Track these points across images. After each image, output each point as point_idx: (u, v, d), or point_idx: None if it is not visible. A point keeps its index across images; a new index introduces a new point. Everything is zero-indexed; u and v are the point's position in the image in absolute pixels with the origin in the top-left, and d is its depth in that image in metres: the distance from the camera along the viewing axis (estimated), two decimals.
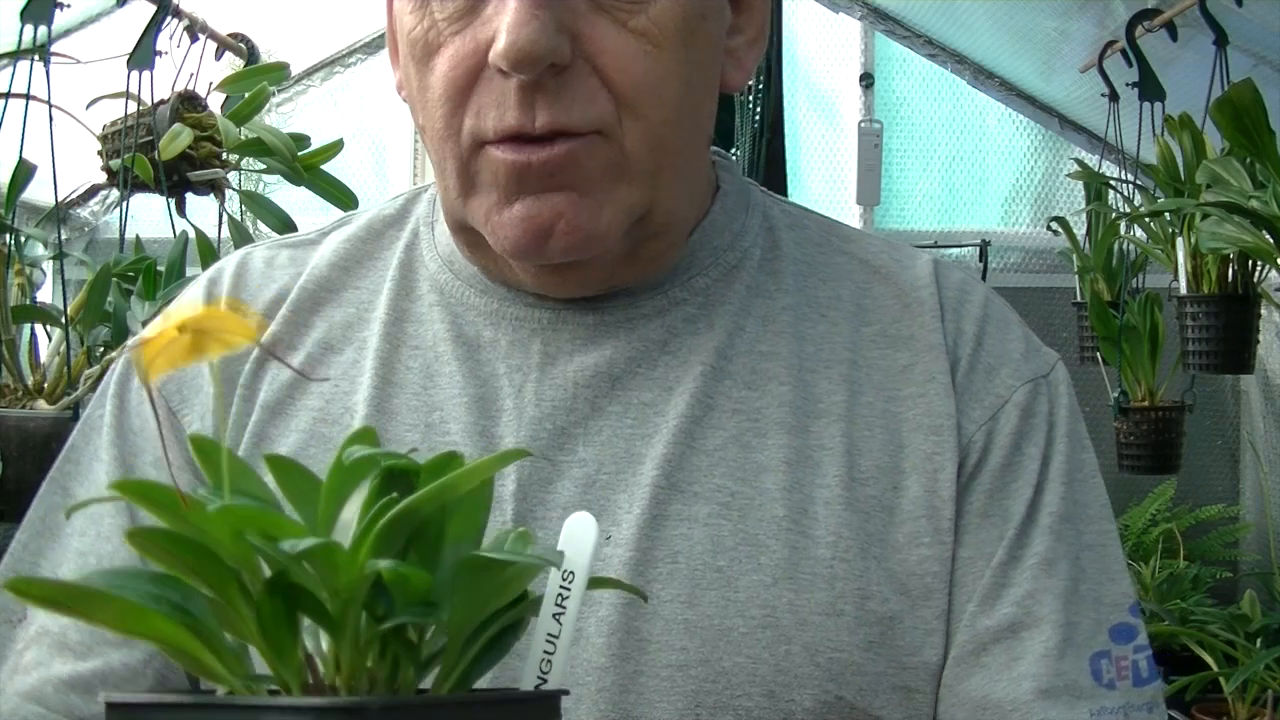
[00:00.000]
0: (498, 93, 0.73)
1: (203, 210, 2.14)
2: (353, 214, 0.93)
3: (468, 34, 0.74)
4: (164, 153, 1.95)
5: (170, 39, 2.14)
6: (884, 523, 0.79)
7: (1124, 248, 2.59)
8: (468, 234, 0.82)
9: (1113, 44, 2.48)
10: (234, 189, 2.09)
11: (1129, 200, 2.56)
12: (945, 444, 0.80)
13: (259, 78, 2.10)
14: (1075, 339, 2.85)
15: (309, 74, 3.20)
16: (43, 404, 1.74)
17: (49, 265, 1.99)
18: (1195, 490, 3.14)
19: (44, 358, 1.83)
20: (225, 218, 2.05)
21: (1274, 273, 2.15)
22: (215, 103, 2.14)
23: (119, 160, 2.01)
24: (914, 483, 0.80)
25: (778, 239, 0.87)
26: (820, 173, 3.35)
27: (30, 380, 1.77)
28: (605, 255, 0.79)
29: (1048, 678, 0.76)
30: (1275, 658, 2.19)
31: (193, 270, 1.93)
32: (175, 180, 2.02)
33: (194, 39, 2.19)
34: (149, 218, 2.42)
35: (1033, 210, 3.34)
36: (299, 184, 1.99)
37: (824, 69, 3.35)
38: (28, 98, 1.76)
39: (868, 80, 3.31)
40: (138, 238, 2.07)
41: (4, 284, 1.75)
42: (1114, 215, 2.60)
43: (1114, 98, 2.58)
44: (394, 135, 3.30)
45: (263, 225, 2.10)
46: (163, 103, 2.06)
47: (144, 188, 2.05)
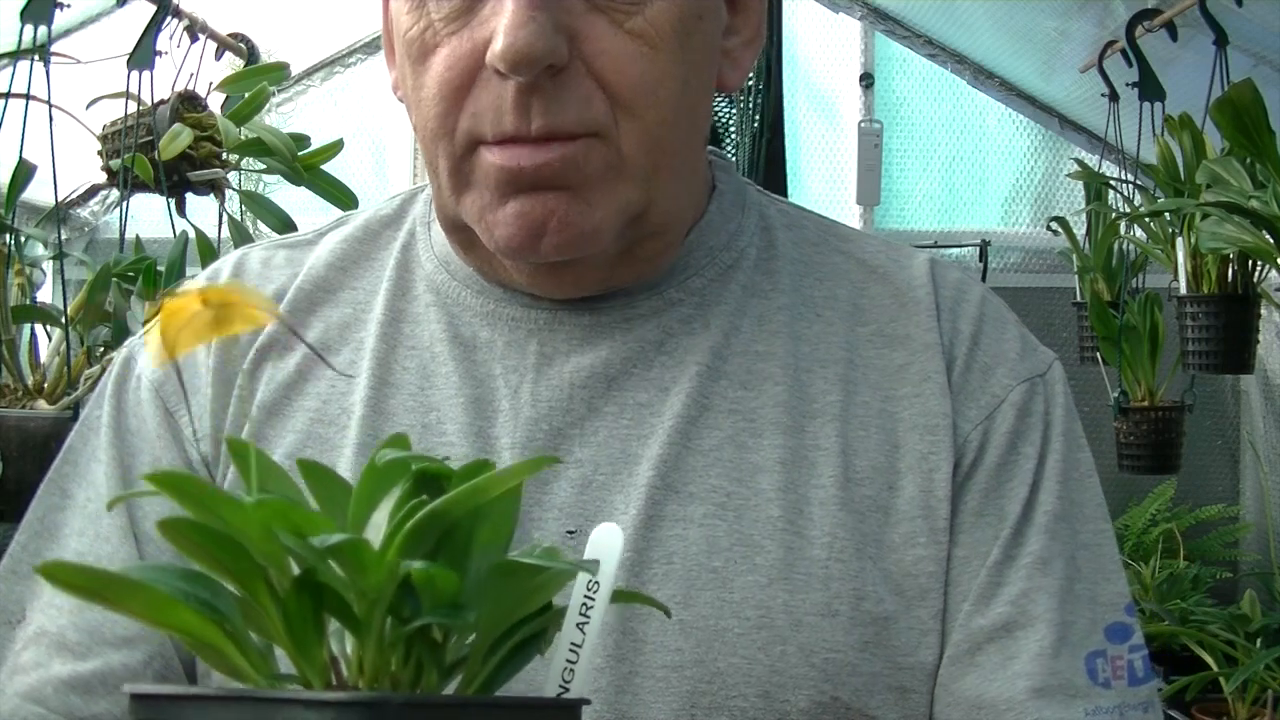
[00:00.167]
0: (494, 95, 0.73)
1: (203, 210, 2.14)
2: (350, 214, 0.93)
3: (464, 34, 0.74)
4: (164, 153, 1.95)
5: (170, 39, 2.14)
6: (879, 523, 0.78)
7: (1124, 248, 2.59)
8: (462, 233, 0.82)
9: (1113, 44, 2.48)
10: (234, 189, 2.09)
11: (1129, 200, 2.56)
12: (941, 444, 0.80)
13: (259, 78, 2.10)
14: (1075, 339, 2.85)
15: (309, 74, 3.20)
16: (43, 404, 1.74)
17: (49, 265, 1.99)
18: (1195, 490, 3.14)
19: (44, 358, 1.83)
20: (225, 218, 2.05)
21: (1274, 273, 2.15)
22: (215, 103, 2.14)
23: (119, 160, 2.01)
24: (909, 483, 0.79)
25: (774, 239, 0.87)
26: (820, 173, 3.35)
27: (30, 380, 1.77)
28: (600, 255, 0.78)
29: (1042, 677, 0.76)
30: (1275, 658, 2.19)
31: (193, 270, 1.93)
32: (175, 180, 2.02)
33: (194, 39, 2.19)
34: (149, 218, 2.42)
35: (1033, 210, 3.34)
36: (299, 184, 1.99)
37: (824, 69, 3.35)
38: (28, 98, 1.76)
39: (868, 80, 3.31)
40: (138, 238, 2.07)
41: (4, 284, 1.75)
42: (1114, 215, 2.60)
43: (1114, 98, 2.58)
44: (394, 135, 3.30)
45: (263, 225, 2.10)
46: (163, 103, 2.06)
47: (144, 188, 2.05)
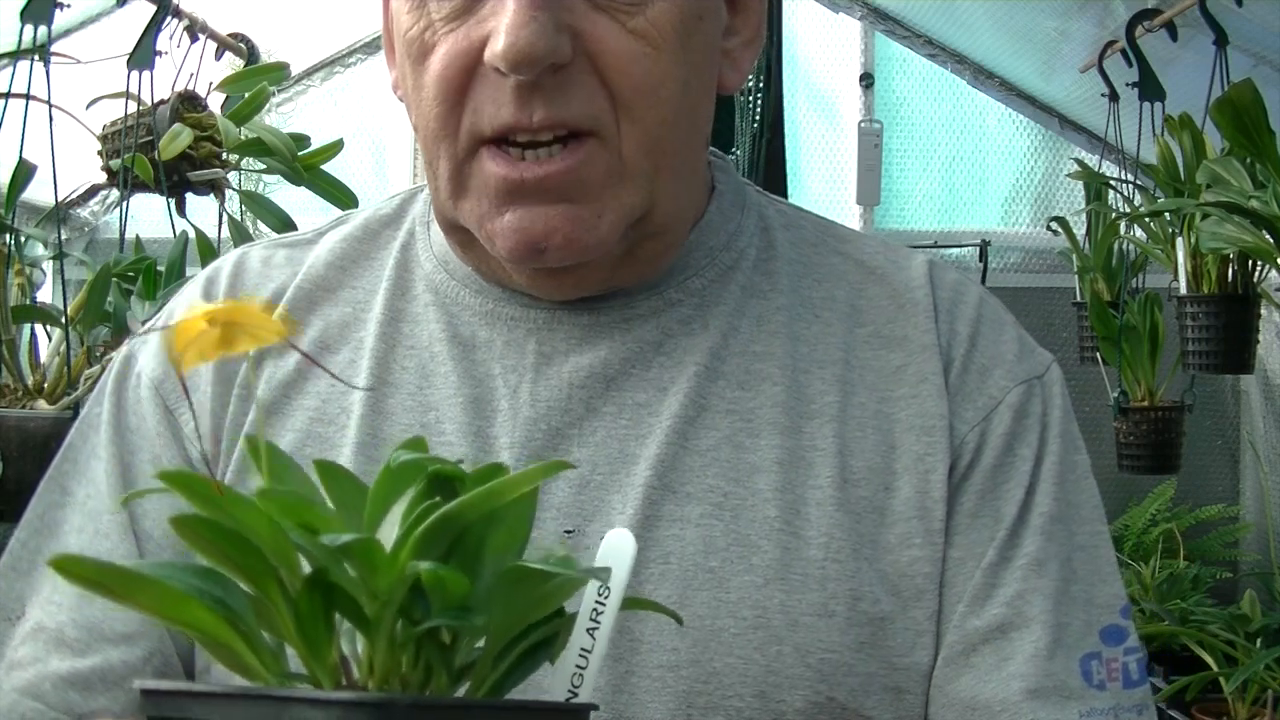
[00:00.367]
0: (494, 91, 0.73)
1: (203, 210, 2.14)
2: (349, 214, 0.93)
3: (461, 32, 0.74)
4: (164, 153, 1.95)
5: (170, 39, 2.14)
6: (875, 524, 0.78)
7: (1124, 248, 2.59)
8: (460, 234, 0.82)
9: (1113, 44, 2.48)
10: (234, 189, 2.09)
11: (1129, 200, 2.56)
12: (937, 445, 0.80)
13: (259, 78, 2.10)
14: (1075, 339, 2.85)
15: (309, 74, 3.20)
16: (43, 404, 1.74)
17: (49, 265, 1.99)
18: (1195, 490, 3.14)
19: (44, 358, 1.83)
20: (225, 218, 2.05)
21: (1274, 273, 2.15)
22: (215, 103, 2.14)
23: (119, 160, 2.01)
24: (906, 484, 0.79)
25: (773, 239, 0.87)
26: (820, 173, 3.35)
27: (30, 380, 1.77)
28: (602, 258, 0.79)
29: (1037, 678, 0.76)
30: (1275, 658, 2.19)
31: (192, 270, 1.93)
32: (175, 180, 2.02)
33: (194, 39, 2.19)
34: (149, 218, 2.42)
35: (1033, 210, 3.34)
36: (299, 184, 1.99)
37: (824, 69, 3.35)
38: (28, 98, 1.76)
39: (868, 80, 3.31)
40: (138, 238, 2.07)
41: (4, 284, 1.75)
42: (1114, 215, 2.60)
43: (1114, 98, 2.58)
44: (394, 135, 3.30)
45: (263, 225, 2.10)
46: (163, 103, 2.06)
47: (144, 188, 2.05)
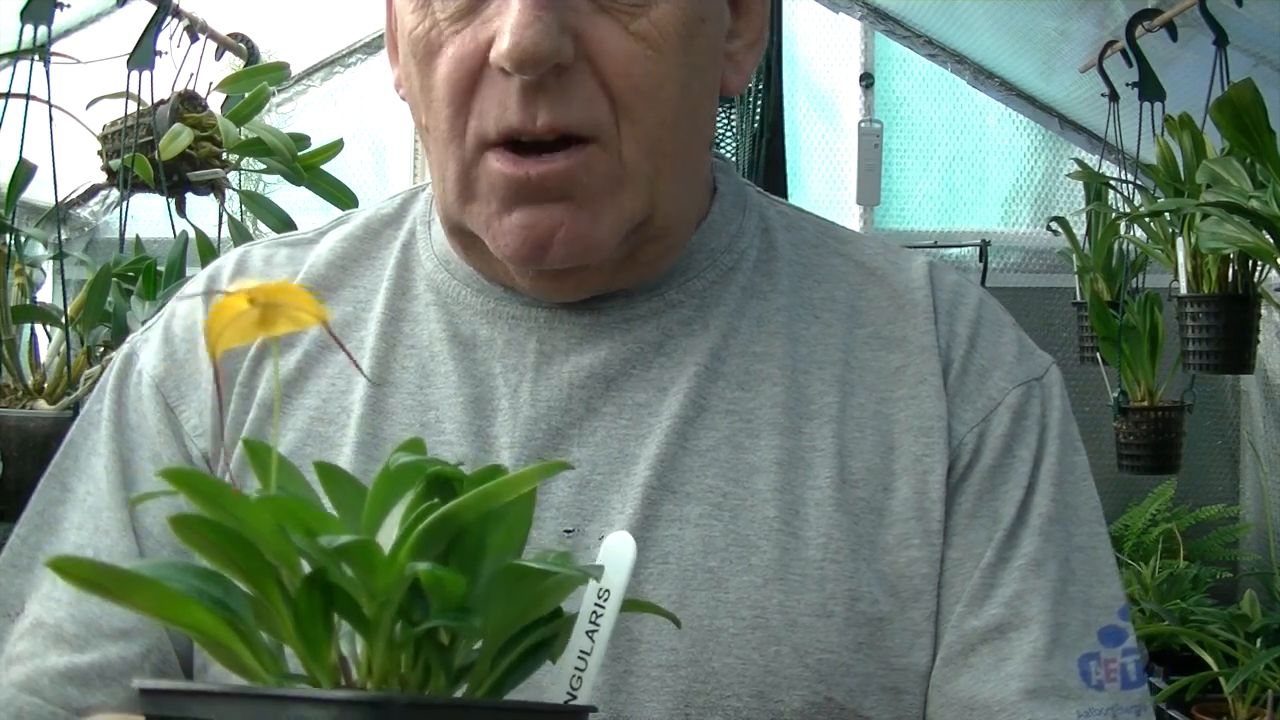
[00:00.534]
0: (499, 93, 0.73)
1: (203, 210, 2.14)
2: (350, 213, 0.93)
3: (467, 33, 0.74)
4: (164, 153, 1.95)
5: (170, 39, 2.14)
6: (874, 524, 0.78)
7: (1124, 248, 2.59)
8: (463, 236, 0.82)
9: (1113, 44, 2.48)
10: (234, 189, 2.09)
11: (1129, 200, 2.56)
12: (935, 446, 0.80)
13: (259, 78, 2.10)
14: (1075, 339, 2.85)
15: (309, 74, 3.20)
16: (43, 404, 1.74)
17: (49, 265, 1.99)
18: (1195, 490, 3.14)
19: (44, 358, 1.83)
20: (225, 218, 2.06)
21: (1274, 273, 2.15)
22: (215, 103, 2.14)
23: (119, 160, 2.01)
24: (904, 484, 0.79)
25: (774, 240, 0.87)
26: (820, 173, 3.35)
27: (30, 380, 1.77)
28: (604, 261, 0.79)
29: (1035, 678, 0.76)
30: (1275, 658, 2.19)
31: (192, 270, 1.93)
32: (175, 180, 2.02)
33: (194, 39, 2.19)
34: (149, 218, 2.42)
35: (1033, 210, 3.34)
36: (299, 184, 1.99)
37: (824, 69, 3.35)
38: (28, 98, 1.76)
39: (868, 80, 3.31)
40: (138, 238, 2.07)
41: (4, 284, 1.75)
42: (1114, 215, 2.60)
43: (1114, 98, 2.58)
44: (394, 135, 3.30)
45: (263, 225, 2.10)
46: (163, 103, 2.06)
47: (144, 188, 2.05)
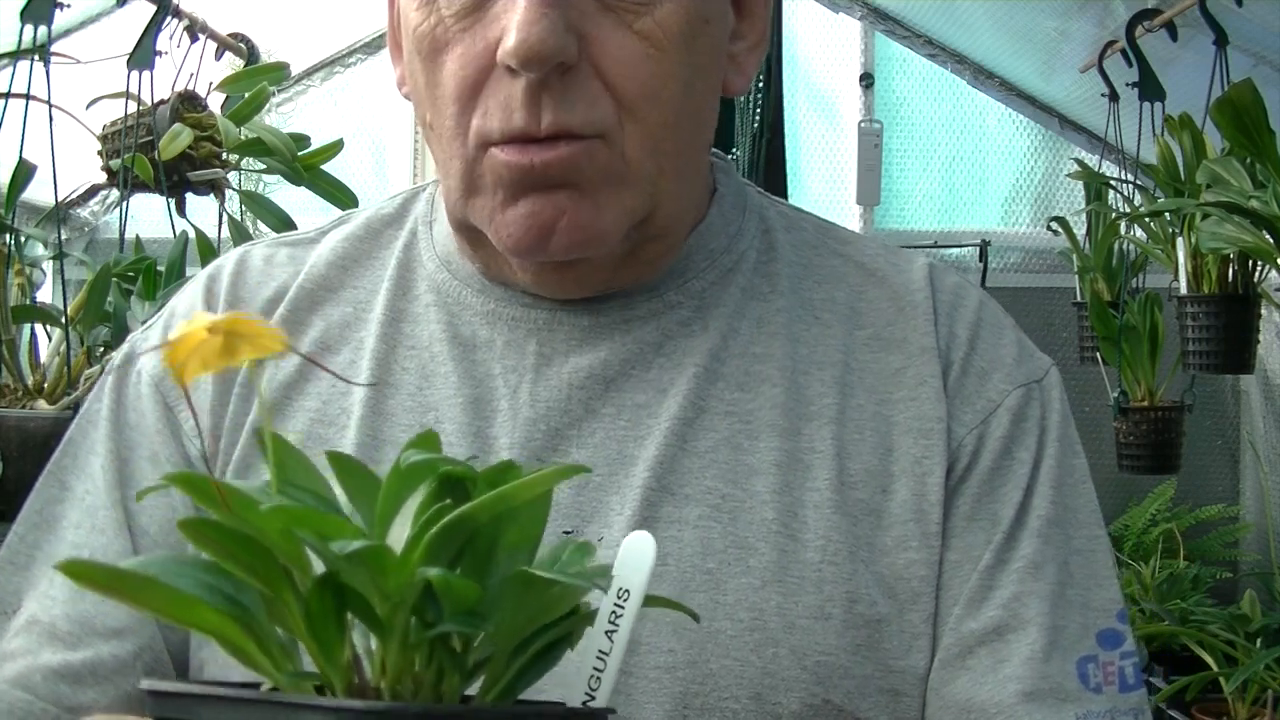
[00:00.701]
0: (504, 93, 0.73)
1: (203, 210, 2.14)
2: (351, 213, 0.93)
3: (476, 32, 0.74)
4: (164, 153, 1.95)
5: (170, 39, 2.14)
6: (872, 526, 0.78)
7: (1124, 248, 2.59)
8: (469, 232, 0.82)
9: (1113, 44, 2.48)
10: (234, 189, 2.09)
11: (1129, 200, 2.56)
12: (934, 448, 0.80)
13: (259, 78, 2.10)
14: (1075, 339, 2.85)
15: (309, 74, 3.20)
16: (43, 404, 1.74)
17: (49, 265, 1.99)
18: (1195, 490, 3.14)
19: (44, 358, 1.83)
20: (225, 218, 2.06)
21: (1274, 273, 2.15)
22: (215, 103, 2.14)
23: (119, 160, 2.01)
24: (903, 486, 0.79)
25: (774, 241, 0.87)
26: (820, 173, 3.35)
27: (30, 380, 1.77)
28: (605, 256, 0.79)
29: (1033, 680, 0.76)
30: (1275, 658, 2.19)
31: (192, 270, 1.93)
32: (175, 180, 2.02)
33: (194, 39, 2.19)
34: (149, 218, 2.42)
35: (1033, 210, 3.34)
36: (299, 184, 1.99)
37: (824, 69, 3.35)
38: (28, 98, 1.76)
39: (868, 80, 3.31)
40: (138, 238, 2.07)
41: (4, 284, 1.75)
42: (1114, 215, 2.60)
43: (1114, 98, 2.58)
44: (394, 135, 3.30)
45: (263, 225, 2.10)
46: (163, 103, 2.06)
47: (144, 188, 2.05)
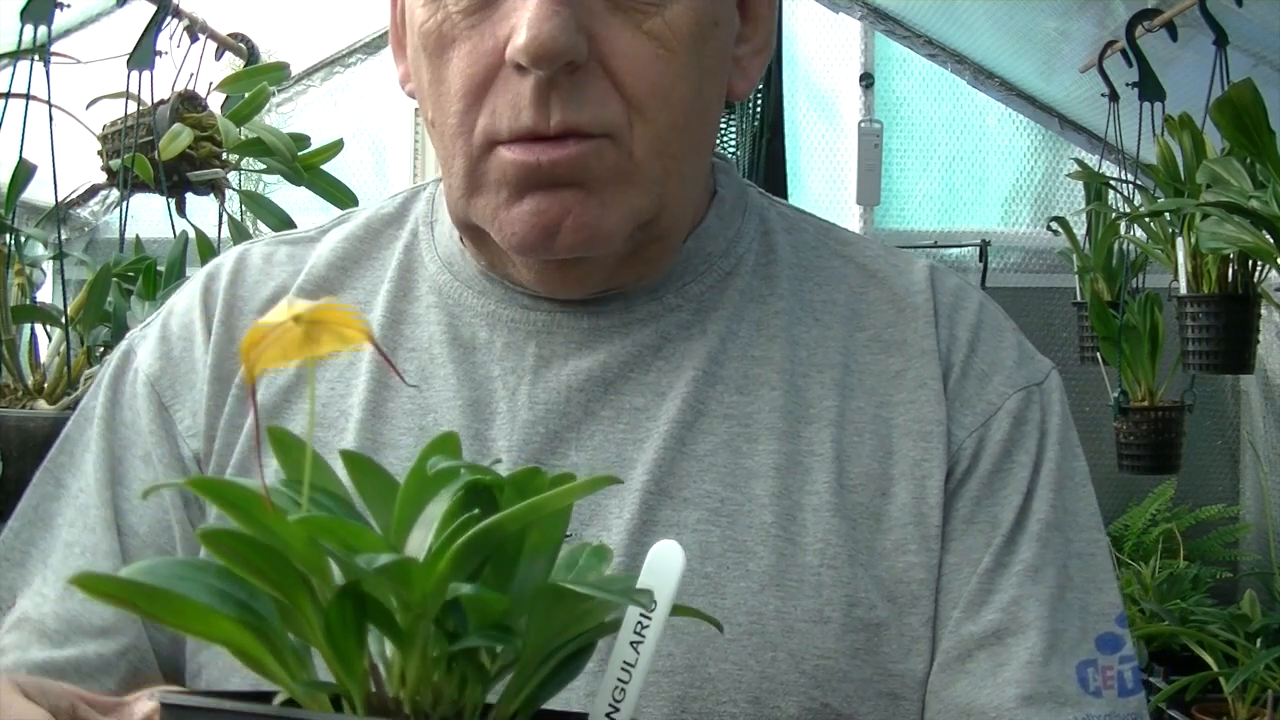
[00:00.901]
0: (513, 92, 0.73)
1: (203, 210, 2.14)
2: (351, 211, 0.93)
3: (485, 29, 0.73)
4: (164, 153, 1.95)
5: (170, 39, 2.14)
6: (872, 529, 0.78)
7: (1124, 248, 2.59)
8: (471, 230, 0.82)
9: (1113, 44, 2.48)
10: (234, 189, 2.09)
11: (1129, 200, 2.56)
12: (934, 450, 0.80)
13: (259, 78, 2.10)
14: (1075, 339, 2.85)
15: (309, 74, 3.20)
16: (43, 404, 1.74)
17: (49, 265, 1.99)
18: (1195, 490, 3.14)
19: (44, 358, 1.83)
20: (225, 218, 2.06)
21: (1274, 273, 2.15)
22: (215, 103, 2.14)
23: (119, 160, 2.01)
24: (902, 489, 0.79)
25: (773, 243, 0.87)
26: (820, 173, 3.35)
27: (30, 380, 1.77)
28: (608, 255, 0.79)
29: (1032, 684, 0.76)
30: (1275, 658, 2.19)
31: (192, 270, 1.92)
32: (175, 180, 2.02)
33: (194, 39, 2.19)
34: (149, 218, 2.42)
35: (1033, 210, 3.34)
36: (299, 184, 1.99)
37: (824, 69, 3.35)
38: (28, 98, 1.76)
39: (868, 80, 3.31)
40: (138, 238, 2.07)
41: (4, 284, 1.75)
42: (1114, 215, 2.60)
43: (1114, 98, 2.58)
44: (394, 135, 3.30)
45: (263, 225, 2.10)
46: (163, 103, 2.06)
47: (144, 188, 2.05)
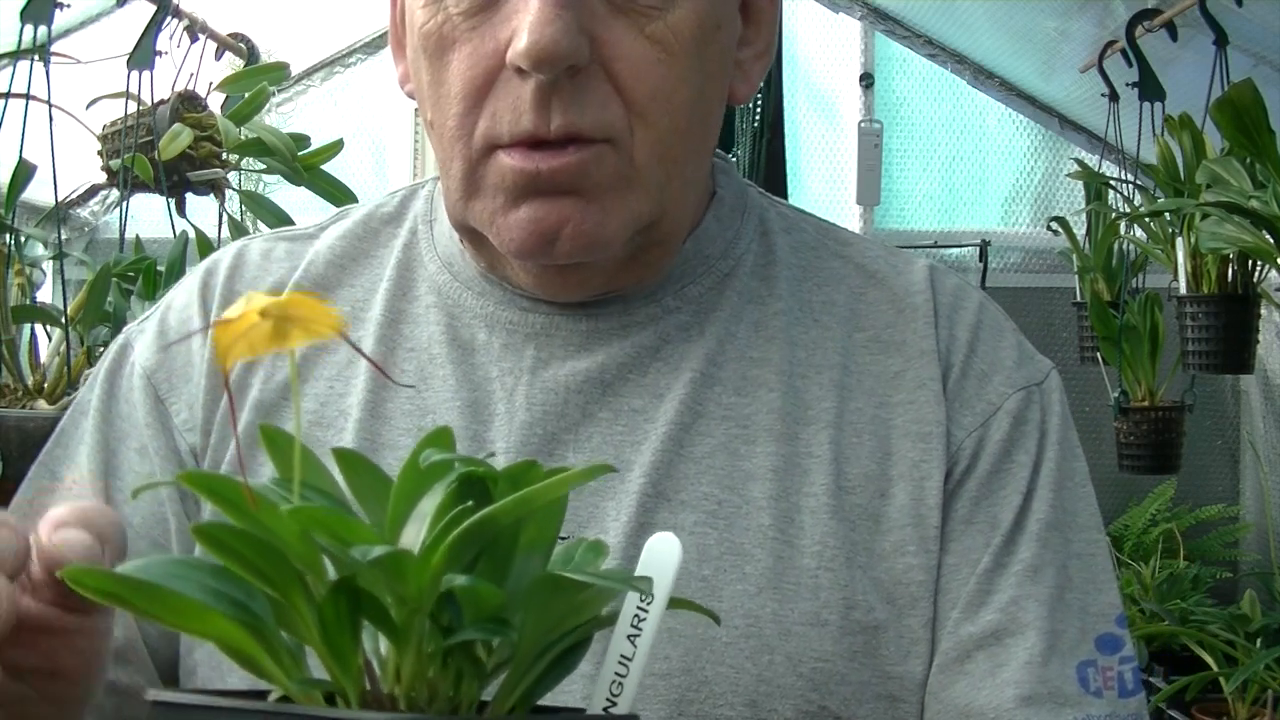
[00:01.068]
0: (514, 96, 0.72)
1: (203, 210, 2.14)
2: (349, 208, 0.92)
3: (486, 31, 0.73)
4: (164, 153, 1.95)
5: (170, 39, 2.13)
6: (870, 531, 0.78)
7: (1124, 248, 2.59)
8: (469, 233, 0.81)
9: (1113, 44, 2.48)
10: (234, 189, 2.09)
11: (1129, 200, 2.56)
12: (933, 451, 0.79)
13: (259, 78, 2.10)
14: (1075, 339, 2.85)
15: (309, 74, 3.20)
16: (43, 404, 1.74)
17: (49, 265, 1.99)
18: (1195, 490, 3.14)
19: (44, 358, 1.83)
20: (225, 218, 2.06)
21: (1274, 273, 2.15)
22: (215, 103, 2.14)
23: (119, 160, 2.01)
24: (901, 490, 0.79)
25: (772, 243, 0.87)
26: (820, 173, 3.35)
27: (30, 380, 1.77)
28: (608, 259, 0.78)
29: (1031, 684, 0.75)
30: (1275, 658, 2.19)
31: (192, 268, 1.93)
32: (175, 180, 2.02)
33: (194, 39, 2.19)
34: (149, 218, 2.42)
35: (1033, 210, 3.34)
36: (299, 184, 1.99)
37: (824, 69, 3.35)
38: (28, 98, 1.76)
39: (868, 80, 3.31)
40: (138, 238, 2.07)
41: (4, 284, 1.75)
42: (1114, 215, 2.60)
43: (1114, 98, 2.59)
44: (394, 135, 3.30)
45: (262, 225, 2.10)
46: (163, 103, 2.06)
47: (144, 188, 2.05)
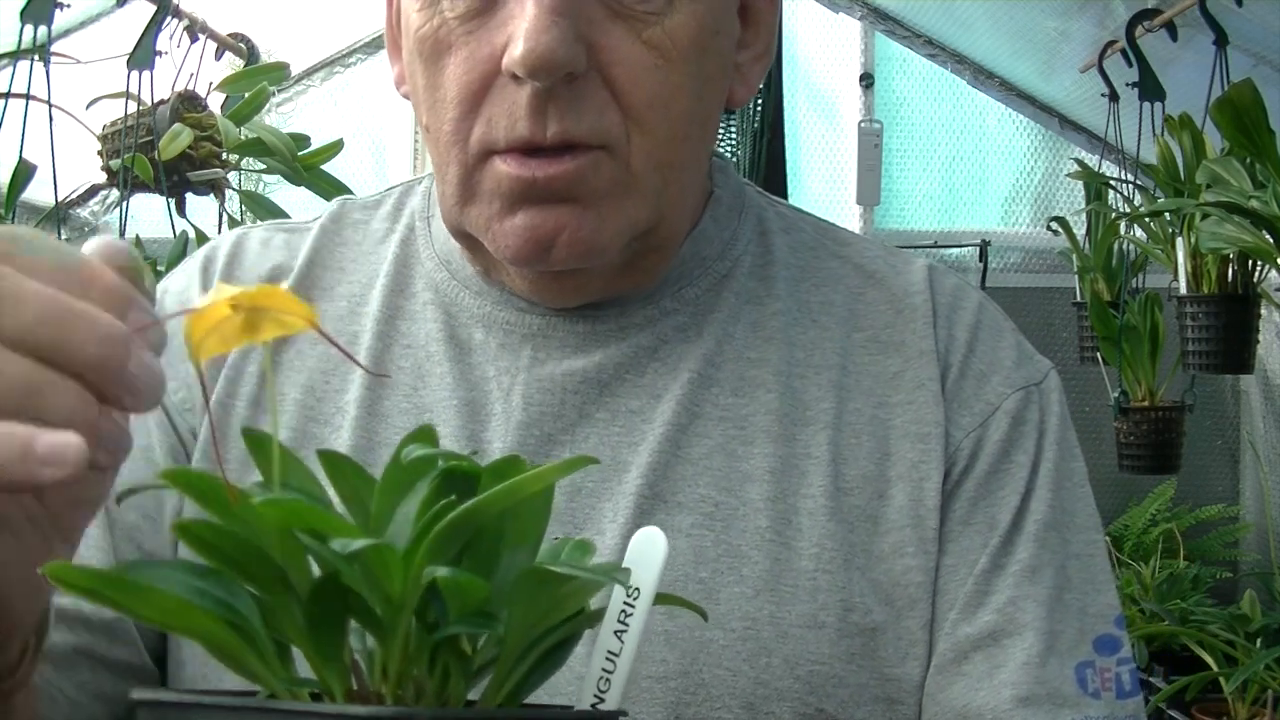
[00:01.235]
0: (509, 101, 0.72)
1: (203, 210, 2.14)
2: (344, 199, 0.92)
3: (482, 36, 0.72)
4: (164, 153, 1.95)
5: (170, 39, 2.14)
6: (868, 533, 0.78)
7: (1124, 248, 2.59)
8: (465, 237, 0.81)
9: (1113, 44, 2.48)
10: (234, 189, 2.09)
11: (1129, 200, 2.56)
12: (932, 452, 0.79)
13: (259, 78, 2.10)
14: (1075, 339, 2.85)
15: (309, 74, 3.20)
16: None
17: None
18: (1195, 490, 3.14)
19: None
20: (225, 218, 2.06)
21: (1274, 273, 2.15)
22: (215, 103, 2.14)
23: (119, 160, 2.01)
24: (899, 491, 0.78)
25: (770, 244, 0.86)
26: (820, 173, 3.35)
27: None
28: (605, 265, 0.78)
29: (1029, 685, 0.75)
30: (1275, 658, 2.19)
31: None
32: (175, 180, 2.03)
33: (194, 39, 2.19)
34: (149, 218, 2.42)
35: (1033, 210, 3.34)
36: (299, 184, 2.00)
37: (824, 69, 3.35)
38: (28, 98, 1.76)
39: (868, 80, 3.31)
40: (138, 237, 2.07)
41: None
42: (1114, 215, 2.60)
43: (1114, 98, 2.58)
44: (394, 135, 3.30)
45: None
46: (163, 103, 2.06)
47: (144, 188, 2.05)
